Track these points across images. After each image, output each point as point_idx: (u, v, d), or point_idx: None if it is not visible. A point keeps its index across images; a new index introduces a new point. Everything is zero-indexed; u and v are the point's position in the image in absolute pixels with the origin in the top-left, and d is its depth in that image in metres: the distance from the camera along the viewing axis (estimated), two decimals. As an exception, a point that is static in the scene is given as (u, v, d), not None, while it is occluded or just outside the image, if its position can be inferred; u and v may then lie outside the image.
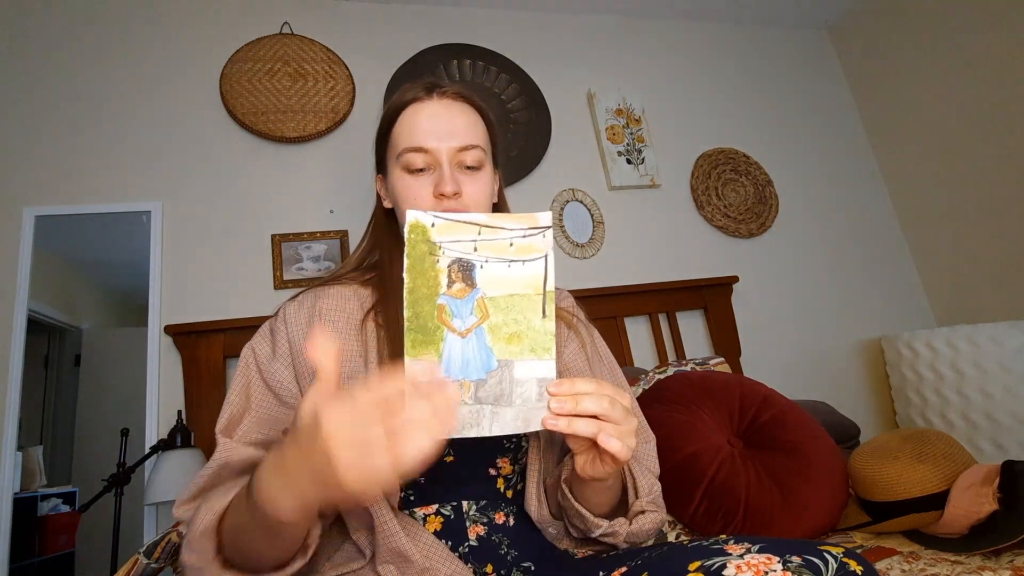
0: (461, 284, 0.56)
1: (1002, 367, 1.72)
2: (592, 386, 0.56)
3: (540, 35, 2.29)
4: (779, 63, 2.56)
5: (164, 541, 1.08)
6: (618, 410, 0.56)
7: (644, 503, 0.74)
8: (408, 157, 0.77)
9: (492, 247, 0.57)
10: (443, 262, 0.56)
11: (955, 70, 2.18)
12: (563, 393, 0.55)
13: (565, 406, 0.55)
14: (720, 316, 2.05)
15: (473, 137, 0.78)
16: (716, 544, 0.53)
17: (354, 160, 1.90)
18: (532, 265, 0.57)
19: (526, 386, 0.55)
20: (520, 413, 0.55)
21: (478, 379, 0.55)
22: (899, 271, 2.38)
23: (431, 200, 0.76)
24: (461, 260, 0.56)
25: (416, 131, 0.77)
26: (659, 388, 1.42)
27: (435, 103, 0.79)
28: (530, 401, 0.55)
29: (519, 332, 0.56)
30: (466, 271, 0.56)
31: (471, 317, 0.56)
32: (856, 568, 0.48)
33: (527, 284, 0.57)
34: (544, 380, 0.56)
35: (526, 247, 0.58)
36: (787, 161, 2.39)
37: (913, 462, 1.10)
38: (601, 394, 0.56)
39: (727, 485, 1.15)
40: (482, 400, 0.54)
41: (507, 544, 0.73)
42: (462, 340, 0.55)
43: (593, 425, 0.55)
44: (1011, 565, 0.87)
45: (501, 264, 0.57)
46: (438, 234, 0.56)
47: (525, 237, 0.58)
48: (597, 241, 2.07)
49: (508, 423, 0.55)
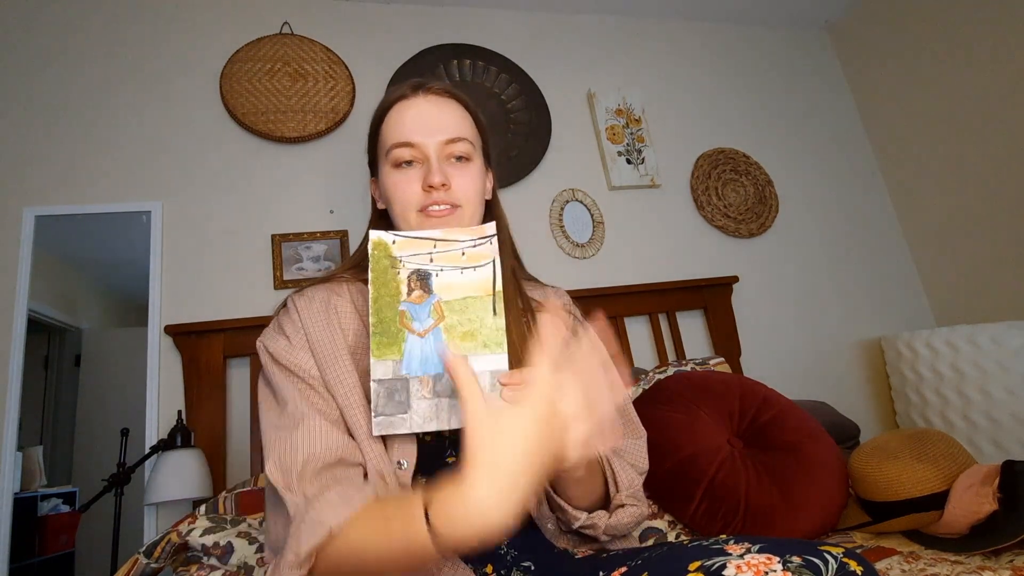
0: (419, 291, 0.63)
1: (1002, 367, 1.72)
2: (543, 374, 0.55)
3: (540, 35, 2.29)
4: (779, 63, 2.56)
5: (164, 541, 1.08)
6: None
7: (624, 497, 0.76)
8: (396, 152, 0.77)
9: (446, 257, 0.65)
10: (403, 273, 0.63)
11: (955, 70, 2.18)
12: (512, 383, 0.56)
13: (515, 396, 0.54)
14: (720, 316, 2.05)
15: (460, 130, 0.79)
16: (716, 544, 0.53)
17: (354, 160, 1.90)
18: (482, 270, 0.64)
19: (480, 378, 0.57)
20: None
21: (435, 373, 0.60)
22: (899, 271, 2.38)
23: (420, 193, 0.76)
24: (419, 270, 0.63)
25: (403, 127, 0.78)
26: (659, 388, 1.42)
27: (421, 100, 0.79)
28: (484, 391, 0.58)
29: (472, 330, 0.62)
30: (423, 279, 0.63)
31: (428, 319, 0.62)
32: (856, 568, 0.48)
33: (479, 287, 0.64)
34: (496, 372, 0.60)
35: (476, 255, 0.65)
36: (787, 161, 2.39)
37: (913, 462, 1.10)
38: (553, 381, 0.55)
39: (727, 485, 1.15)
40: (440, 394, 0.60)
41: (507, 544, 0.73)
42: (421, 340, 0.61)
43: None
44: (1011, 565, 0.87)
45: (454, 271, 0.64)
46: (398, 250, 0.64)
47: (475, 246, 0.65)
48: (597, 241, 2.07)
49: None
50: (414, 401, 0.59)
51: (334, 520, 0.56)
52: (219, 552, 1.06)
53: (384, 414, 0.58)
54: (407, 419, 0.59)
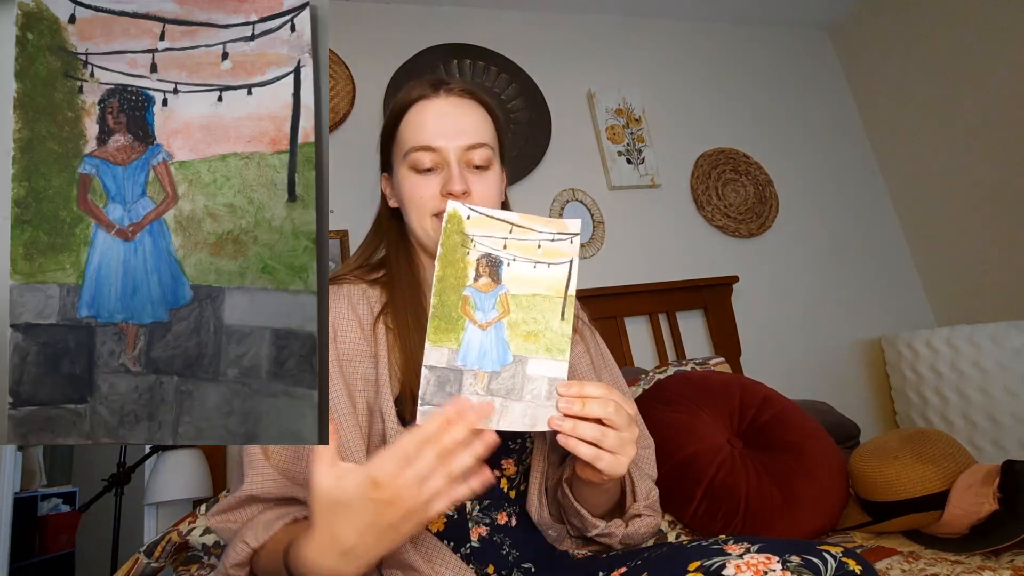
0: (487, 279, 0.57)
1: (1002, 367, 1.72)
2: (601, 391, 0.57)
3: (540, 35, 2.29)
4: (779, 63, 2.55)
5: (164, 541, 1.08)
6: (622, 416, 0.57)
7: (641, 507, 0.75)
8: (415, 156, 0.75)
9: (521, 247, 0.58)
10: (473, 255, 0.57)
11: (955, 70, 2.18)
12: (572, 394, 0.56)
13: (572, 407, 0.56)
14: (720, 316, 2.05)
15: (481, 135, 0.76)
16: (716, 544, 0.53)
17: (354, 160, 1.90)
18: (557, 268, 0.58)
19: (537, 383, 0.56)
20: (529, 409, 0.56)
21: (492, 371, 0.55)
22: (899, 271, 2.38)
23: (438, 198, 0.74)
24: (490, 255, 0.57)
25: (423, 129, 0.75)
26: (659, 388, 1.42)
27: (442, 100, 0.77)
28: (539, 398, 0.56)
29: (537, 331, 0.57)
30: (493, 267, 0.57)
31: (493, 311, 0.56)
32: (855, 568, 0.48)
33: (549, 286, 0.58)
34: (555, 380, 0.56)
35: (553, 251, 0.59)
36: (787, 161, 2.39)
37: (913, 462, 1.10)
38: (608, 399, 0.56)
39: (727, 485, 1.15)
40: (494, 392, 0.55)
41: (508, 544, 0.73)
42: (481, 332, 0.56)
43: (596, 430, 0.56)
44: (1011, 565, 0.87)
45: (527, 264, 0.58)
46: (472, 227, 0.58)
47: (553, 241, 0.59)
48: (597, 241, 2.07)
49: (516, 418, 0.55)
50: (465, 395, 0.54)
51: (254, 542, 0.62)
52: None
53: (431, 404, 0.54)
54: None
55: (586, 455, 0.56)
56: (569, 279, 0.58)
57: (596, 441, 0.56)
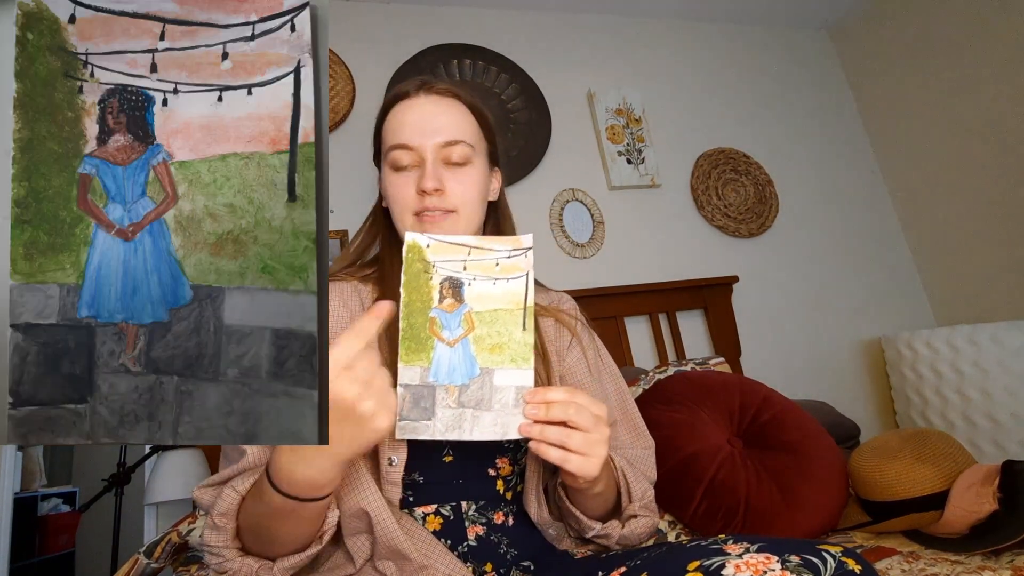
0: (451, 299, 0.61)
1: (1002, 367, 1.72)
2: (562, 395, 0.59)
3: (540, 35, 2.29)
4: (779, 63, 2.55)
5: (164, 541, 1.08)
6: (585, 417, 0.59)
7: (636, 507, 0.76)
8: (393, 155, 0.77)
9: (480, 266, 0.62)
10: (436, 279, 0.61)
11: (955, 70, 2.18)
12: (536, 401, 0.59)
13: (538, 413, 0.58)
14: (720, 316, 2.05)
15: (458, 133, 0.77)
16: (715, 544, 0.53)
17: (354, 160, 1.89)
18: (515, 282, 0.62)
19: (505, 392, 0.59)
20: (499, 418, 0.59)
21: (462, 384, 0.59)
22: (899, 271, 2.38)
23: (415, 196, 0.75)
24: (452, 278, 0.62)
25: (402, 128, 0.77)
26: (659, 388, 1.42)
27: (422, 99, 0.78)
28: (507, 407, 0.59)
29: (501, 343, 0.60)
30: (456, 288, 0.61)
31: (458, 329, 0.61)
32: (854, 567, 0.48)
33: (509, 300, 0.62)
34: (522, 388, 0.60)
35: (510, 267, 0.63)
36: (787, 161, 2.39)
37: (913, 462, 1.10)
38: (569, 402, 0.59)
39: (727, 485, 1.15)
40: (464, 404, 0.59)
41: (506, 543, 0.73)
42: (450, 349, 0.60)
43: (561, 433, 0.58)
44: (1011, 565, 0.87)
45: (487, 282, 0.62)
46: (432, 254, 0.62)
47: (510, 257, 0.63)
48: (597, 241, 2.07)
49: (487, 428, 0.59)
50: (439, 409, 0.59)
51: (241, 488, 0.62)
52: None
53: (408, 419, 0.58)
54: (431, 426, 0.59)
55: (555, 458, 0.58)
56: (527, 291, 0.62)
57: (561, 443, 0.58)
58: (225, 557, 0.61)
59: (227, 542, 0.61)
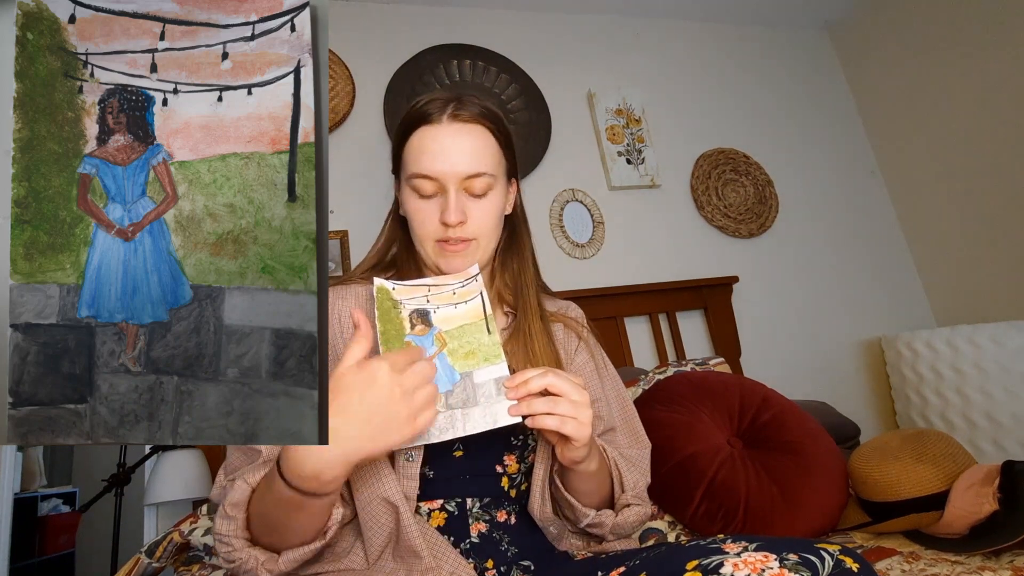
0: (421, 326, 0.69)
1: (1002, 367, 1.72)
2: (537, 371, 0.65)
3: (540, 35, 2.29)
4: (779, 63, 2.55)
5: (166, 541, 1.08)
6: (564, 382, 0.64)
7: (629, 497, 0.80)
8: (416, 183, 0.79)
9: (440, 298, 0.72)
10: (404, 312, 0.69)
11: (955, 69, 2.18)
12: (515, 384, 0.64)
13: (519, 392, 0.63)
14: (720, 316, 2.05)
15: (482, 164, 0.78)
16: (713, 543, 0.53)
17: (354, 160, 1.90)
18: (472, 303, 0.71)
19: (486, 387, 0.65)
20: (487, 410, 0.64)
21: (447, 390, 0.65)
22: (899, 271, 2.38)
23: (438, 226, 0.78)
24: (418, 309, 0.70)
25: (424, 156, 0.78)
26: (659, 389, 1.42)
27: (446, 127, 0.79)
28: (491, 397, 0.65)
29: (472, 349, 0.68)
30: (423, 316, 0.69)
31: (433, 347, 0.68)
32: (852, 565, 0.48)
33: (472, 315, 0.70)
34: (500, 378, 0.66)
35: (464, 292, 0.72)
36: (787, 161, 2.39)
37: (913, 462, 1.10)
38: (546, 372, 0.64)
39: (727, 485, 1.15)
40: (452, 406, 0.64)
41: (507, 541, 0.74)
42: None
43: (549, 401, 0.63)
44: (1011, 565, 0.87)
45: (449, 307, 0.71)
46: (398, 294, 0.71)
47: (463, 286, 0.73)
48: (597, 241, 2.07)
49: (479, 420, 0.64)
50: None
51: (252, 480, 0.64)
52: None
53: None
54: (427, 431, 0.63)
55: (552, 425, 0.63)
56: (484, 305, 0.71)
57: (551, 410, 0.63)
58: (233, 547, 0.63)
59: (236, 531, 0.63)
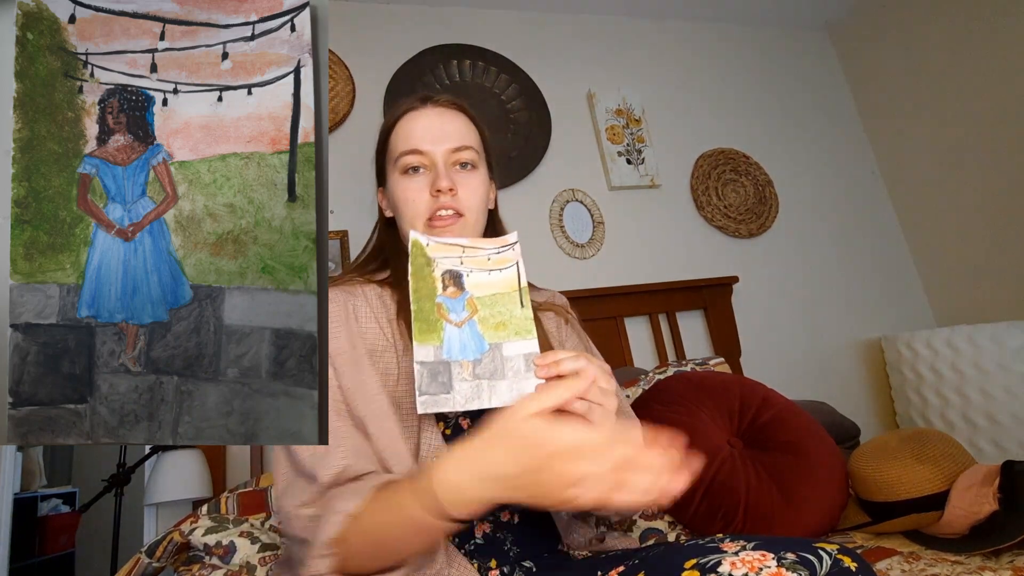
0: (453, 288, 0.66)
1: (1002, 367, 1.72)
2: (569, 353, 0.63)
3: (540, 35, 2.29)
4: (779, 63, 2.56)
5: (166, 541, 1.08)
6: (596, 369, 0.62)
7: None
8: (405, 159, 0.80)
9: (474, 261, 0.69)
10: (437, 272, 0.67)
11: (955, 69, 2.18)
12: (546, 362, 0.62)
13: (550, 372, 0.61)
14: (720, 316, 2.05)
15: (466, 139, 0.82)
16: (712, 542, 0.53)
17: (354, 160, 1.89)
18: (507, 271, 0.68)
19: (515, 361, 0.64)
20: (513, 385, 0.63)
21: (474, 359, 0.63)
22: (899, 271, 2.38)
23: (428, 200, 0.78)
24: (451, 271, 0.68)
25: (412, 136, 0.81)
26: (659, 388, 1.42)
27: (429, 110, 0.83)
28: (520, 373, 0.63)
29: (504, 321, 0.65)
30: (456, 278, 0.67)
31: (464, 312, 0.65)
32: (850, 564, 0.48)
33: (506, 285, 0.68)
34: (530, 355, 0.64)
35: (500, 260, 0.69)
36: (787, 161, 2.39)
37: (913, 462, 1.10)
38: (578, 355, 0.62)
39: (727, 485, 1.15)
40: (480, 376, 0.63)
41: (510, 541, 0.75)
42: (458, 329, 0.65)
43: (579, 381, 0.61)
44: (1011, 565, 0.87)
45: (483, 272, 0.68)
46: (432, 251, 0.68)
47: (500, 252, 0.70)
48: (597, 241, 2.07)
49: (504, 394, 0.62)
50: (456, 383, 0.62)
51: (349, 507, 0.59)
52: (221, 552, 1.06)
53: (428, 393, 0.61)
54: (451, 398, 0.61)
55: (580, 410, 0.60)
56: (519, 275, 0.68)
57: (582, 395, 0.60)
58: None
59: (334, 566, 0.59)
